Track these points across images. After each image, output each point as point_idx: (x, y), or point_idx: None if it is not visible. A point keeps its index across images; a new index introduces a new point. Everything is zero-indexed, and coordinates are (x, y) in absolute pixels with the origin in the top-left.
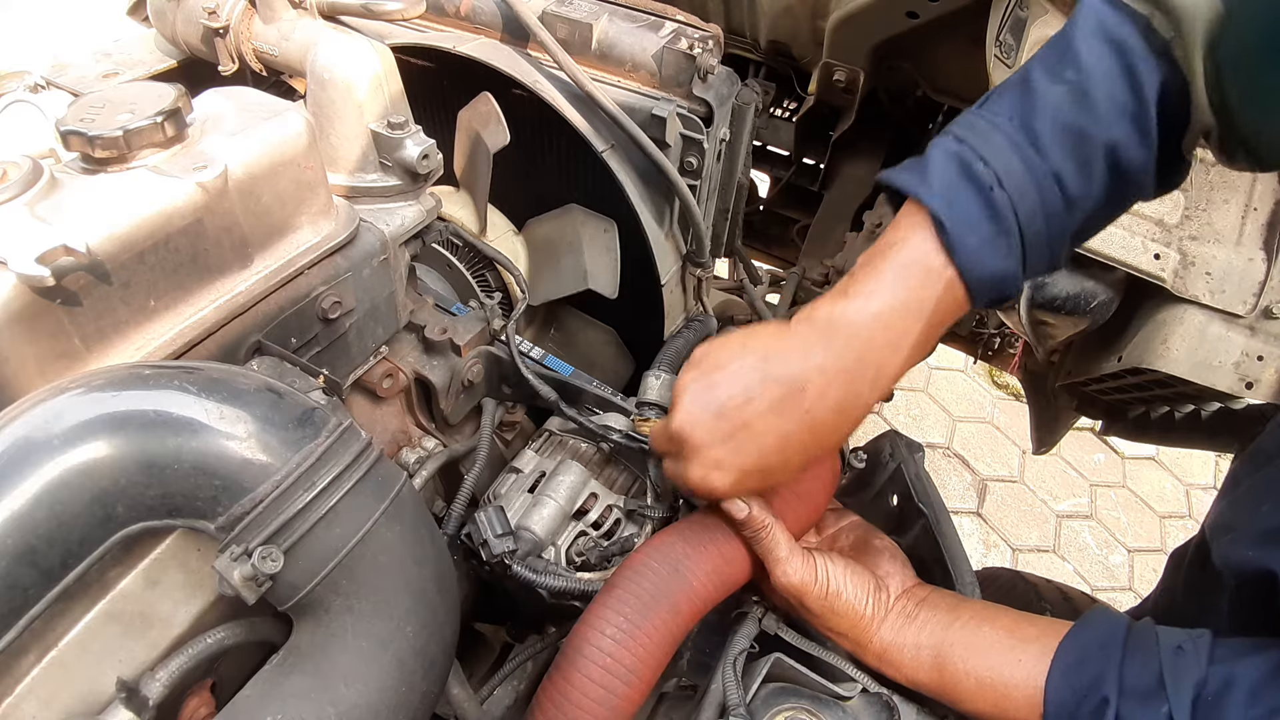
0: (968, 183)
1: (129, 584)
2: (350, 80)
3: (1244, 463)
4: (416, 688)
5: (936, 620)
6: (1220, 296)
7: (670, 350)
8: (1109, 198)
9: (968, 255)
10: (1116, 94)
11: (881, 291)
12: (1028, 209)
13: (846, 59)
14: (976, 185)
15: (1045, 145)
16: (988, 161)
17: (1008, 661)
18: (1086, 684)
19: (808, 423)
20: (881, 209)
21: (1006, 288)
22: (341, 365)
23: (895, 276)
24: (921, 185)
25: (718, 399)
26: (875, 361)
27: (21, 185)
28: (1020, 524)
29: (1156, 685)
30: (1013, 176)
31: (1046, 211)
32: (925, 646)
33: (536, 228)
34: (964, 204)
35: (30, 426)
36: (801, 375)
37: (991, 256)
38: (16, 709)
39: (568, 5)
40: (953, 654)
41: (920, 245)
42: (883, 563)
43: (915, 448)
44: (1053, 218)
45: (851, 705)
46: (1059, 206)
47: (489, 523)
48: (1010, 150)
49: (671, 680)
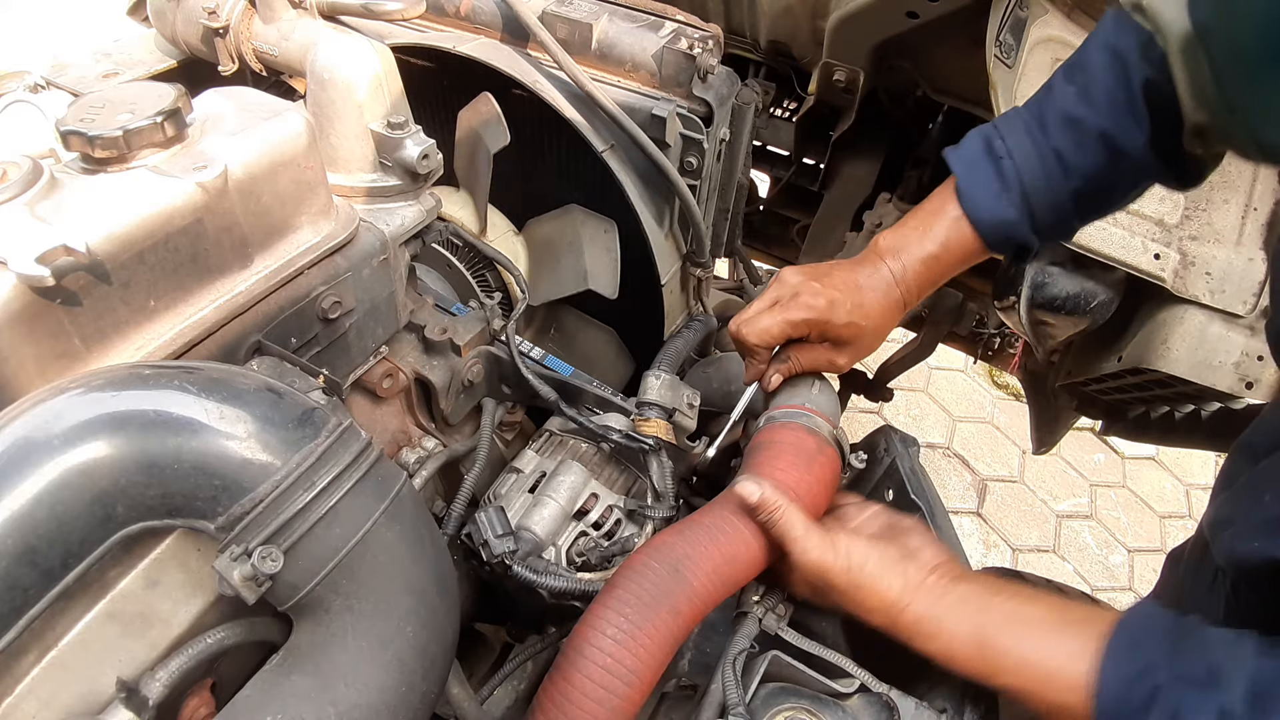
0: (986, 154)
1: (129, 584)
2: (350, 80)
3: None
4: (416, 688)
5: (976, 595)
6: (1220, 296)
7: (670, 350)
8: (1114, 173)
9: (974, 203)
10: (1114, 93)
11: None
12: (1031, 173)
13: (846, 59)
14: (992, 156)
15: (1050, 129)
16: (1005, 139)
17: (1053, 642)
18: (1138, 671)
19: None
20: (882, 209)
21: (1014, 234)
22: (341, 365)
23: (923, 219)
24: (954, 154)
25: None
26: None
27: (21, 185)
28: (1020, 524)
29: (1210, 676)
30: (1021, 150)
31: (1047, 176)
32: (964, 620)
33: (536, 228)
34: (979, 168)
35: (30, 426)
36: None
37: (995, 205)
38: (16, 709)
39: (568, 5)
40: (994, 630)
41: (944, 196)
42: (912, 538)
43: (910, 442)
44: (1053, 181)
45: (851, 704)
46: (1058, 173)
47: (489, 523)
48: (1024, 132)
49: (671, 680)
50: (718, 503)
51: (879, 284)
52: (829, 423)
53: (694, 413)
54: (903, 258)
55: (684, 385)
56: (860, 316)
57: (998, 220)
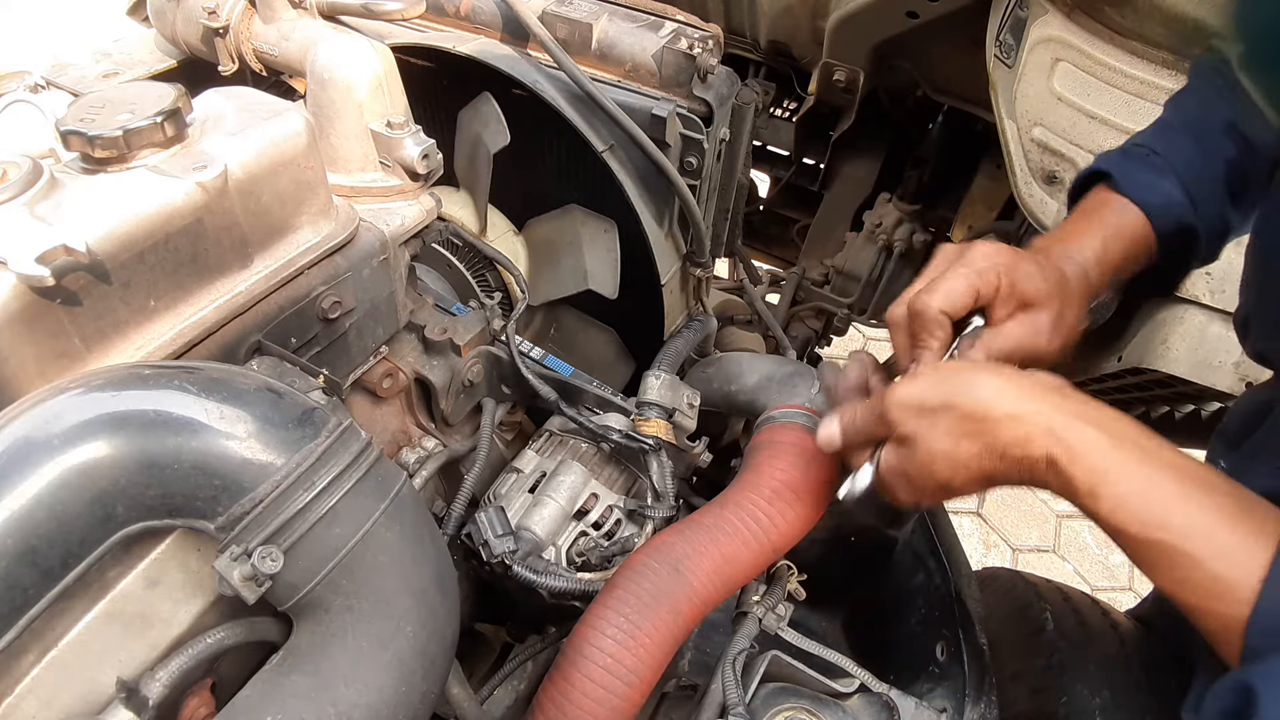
0: (1125, 158)
1: (129, 584)
2: (350, 80)
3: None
4: (416, 688)
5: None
6: (1220, 296)
7: (670, 350)
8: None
9: (1136, 188)
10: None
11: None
12: (1182, 159)
13: (846, 59)
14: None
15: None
16: (1139, 144)
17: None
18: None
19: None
20: (882, 209)
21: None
22: (341, 365)
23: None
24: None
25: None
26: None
27: (21, 185)
28: (1020, 524)
29: None
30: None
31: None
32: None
33: (536, 228)
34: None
35: (30, 426)
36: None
37: (1158, 187)
38: (16, 709)
39: (568, 5)
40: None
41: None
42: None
43: None
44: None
45: (851, 704)
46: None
47: (489, 523)
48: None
49: (672, 680)
50: (718, 503)
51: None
52: None
53: (694, 413)
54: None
55: (684, 385)
56: (1050, 278)
57: (1166, 201)
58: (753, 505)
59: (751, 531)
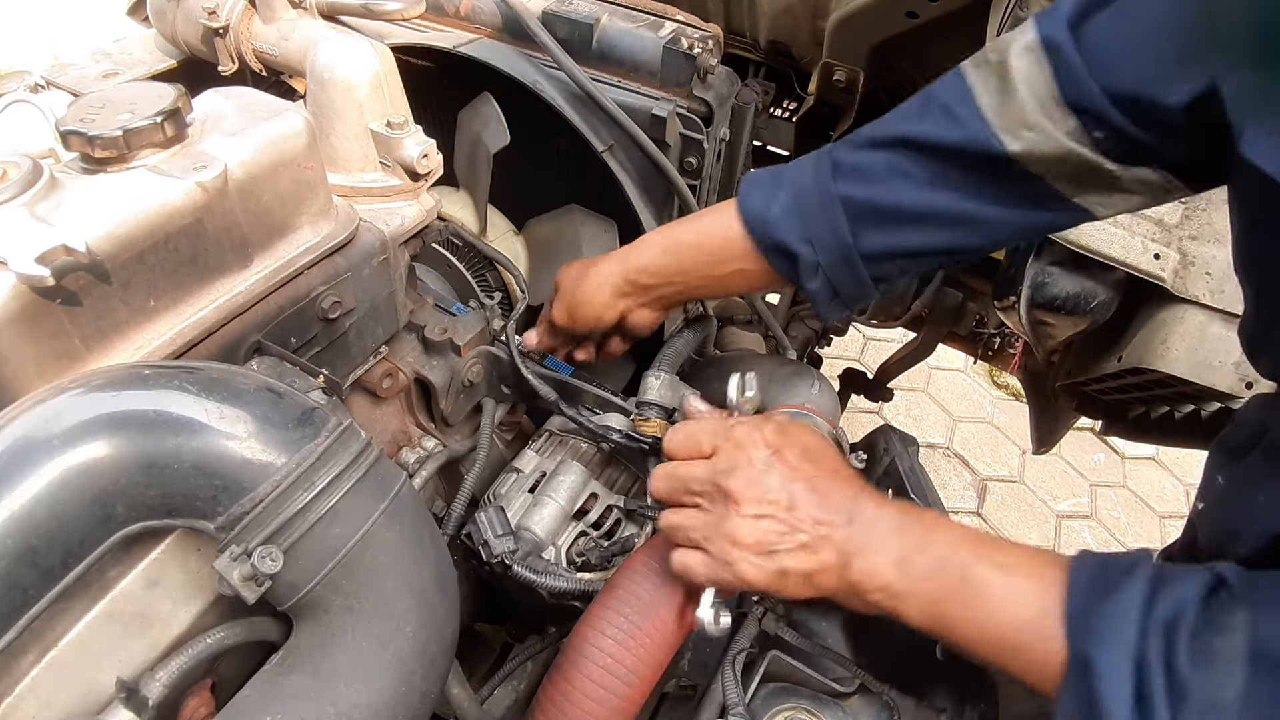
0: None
1: (129, 584)
2: (350, 80)
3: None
4: (416, 688)
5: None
6: (1220, 296)
7: (670, 350)
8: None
9: (746, 199)
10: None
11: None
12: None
13: (846, 59)
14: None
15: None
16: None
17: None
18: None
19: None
20: None
21: (770, 229)
22: (341, 365)
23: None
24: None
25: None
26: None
27: (21, 185)
28: (1020, 524)
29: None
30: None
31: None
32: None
33: (536, 227)
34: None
35: (30, 426)
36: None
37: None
38: (16, 709)
39: (568, 5)
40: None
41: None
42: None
43: (909, 442)
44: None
45: (851, 704)
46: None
47: (489, 523)
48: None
49: (672, 680)
50: None
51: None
52: (829, 422)
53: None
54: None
55: (684, 385)
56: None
57: (758, 215)
58: None
59: None
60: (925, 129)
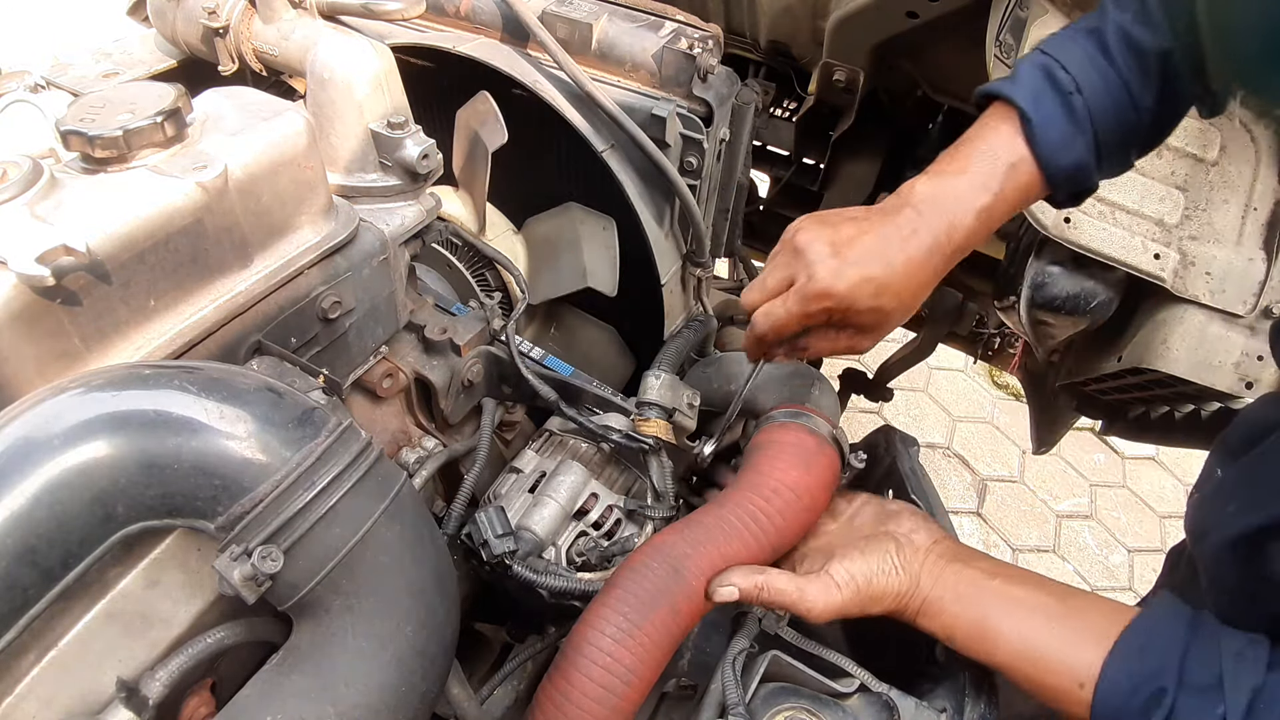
0: (1051, 87)
1: (129, 584)
2: (350, 80)
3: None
4: (416, 688)
5: (974, 574)
6: (1220, 296)
7: (670, 350)
8: (1167, 102)
9: (1049, 148)
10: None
11: (956, 170)
12: (1100, 110)
13: (846, 59)
14: (1059, 90)
15: (1115, 56)
16: (1068, 69)
17: (1054, 628)
18: (1148, 672)
19: (906, 253)
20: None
21: (1083, 180)
22: (341, 365)
23: (971, 161)
24: (1013, 87)
25: (835, 222)
26: (949, 220)
27: (21, 185)
28: (1020, 524)
29: (1215, 684)
30: (1090, 84)
31: (1118, 114)
32: (965, 598)
33: (535, 226)
34: (1048, 105)
35: (30, 426)
36: (897, 219)
37: (1069, 150)
38: (16, 709)
39: (568, 5)
40: (995, 611)
41: (1005, 137)
42: (903, 521)
43: (910, 442)
44: (1123, 118)
45: (851, 704)
46: (1129, 109)
47: (489, 523)
48: (1088, 62)
49: (671, 680)
50: (717, 502)
51: (915, 251)
52: (829, 422)
53: (694, 413)
54: (948, 212)
55: (684, 385)
56: (888, 299)
57: (1075, 166)
58: (752, 505)
59: (751, 531)
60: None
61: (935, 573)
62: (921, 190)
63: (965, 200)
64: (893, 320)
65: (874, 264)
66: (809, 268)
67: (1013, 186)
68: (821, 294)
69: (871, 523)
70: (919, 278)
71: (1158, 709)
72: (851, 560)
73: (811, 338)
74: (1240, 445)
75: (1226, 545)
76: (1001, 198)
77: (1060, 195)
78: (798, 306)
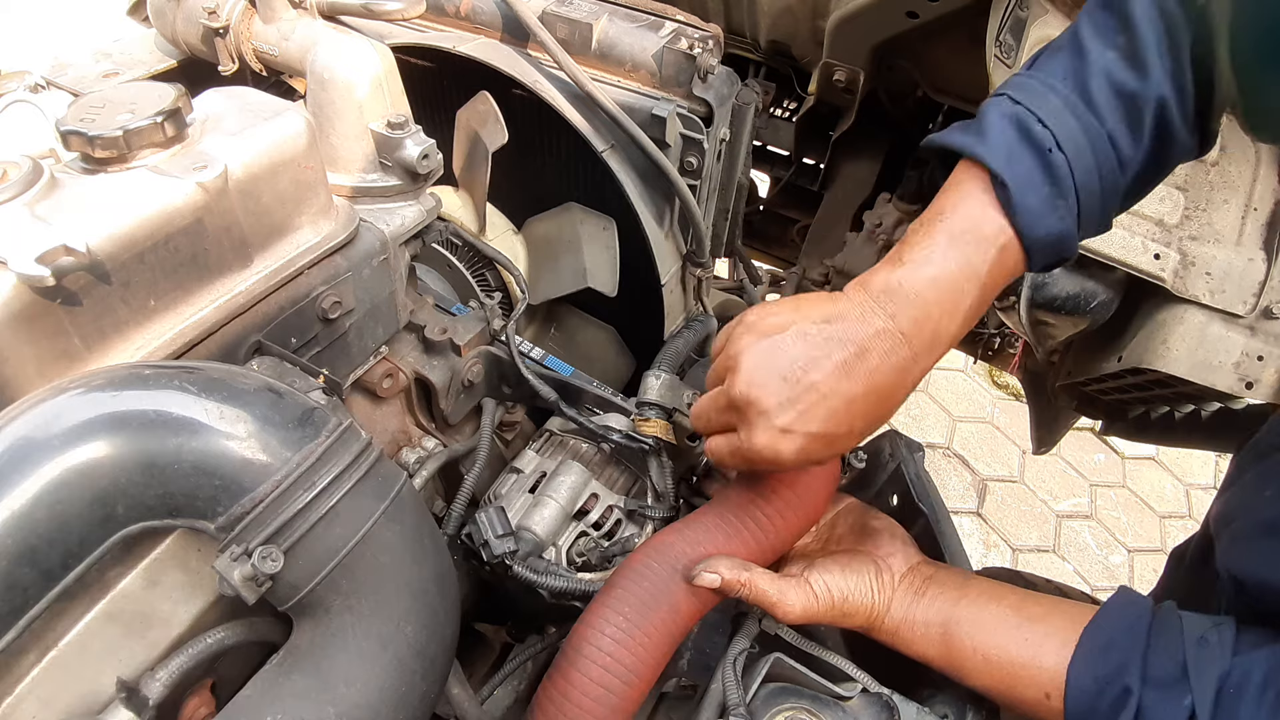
0: (1026, 144)
1: (129, 584)
2: (350, 80)
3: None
4: (416, 688)
5: (944, 596)
6: (1220, 296)
7: (670, 350)
8: (1156, 158)
9: (1028, 216)
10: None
11: (936, 257)
12: (1084, 170)
13: (846, 59)
14: (1035, 146)
15: (1100, 107)
16: (1045, 122)
17: (1015, 640)
18: (1110, 672)
19: (871, 385)
20: (882, 209)
21: (1064, 249)
22: (341, 365)
23: (951, 241)
24: (980, 145)
25: (782, 361)
26: (932, 326)
27: (21, 185)
28: (1020, 524)
29: (1180, 675)
30: (1069, 138)
31: (1101, 172)
32: (934, 623)
33: (535, 226)
34: (1024, 164)
35: (30, 426)
36: (863, 338)
37: (1050, 217)
38: (16, 709)
39: (568, 5)
40: (960, 629)
41: (977, 208)
42: (883, 543)
43: (915, 447)
44: (1106, 178)
45: (851, 705)
46: (1113, 166)
47: (490, 523)
48: (1067, 112)
49: (671, 680)
50: (717, 502)
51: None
52: None
53: None
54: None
55: (684, 385)
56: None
57: (1057, 237)
58: (752, 505)
59: (750, 531)
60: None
61: (906, 601)
62: (898, 289)
63: (950, 302)
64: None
65: (828, 418)
66: (748, 431)
67: (1000, 272)
68: (763, 461)
69: (851, 537)
70: (886, 407)
71: (1124, 709)
72: (831, 574)
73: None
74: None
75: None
76: (989, 287)
77: (1035, 269)
78: (741, 462)
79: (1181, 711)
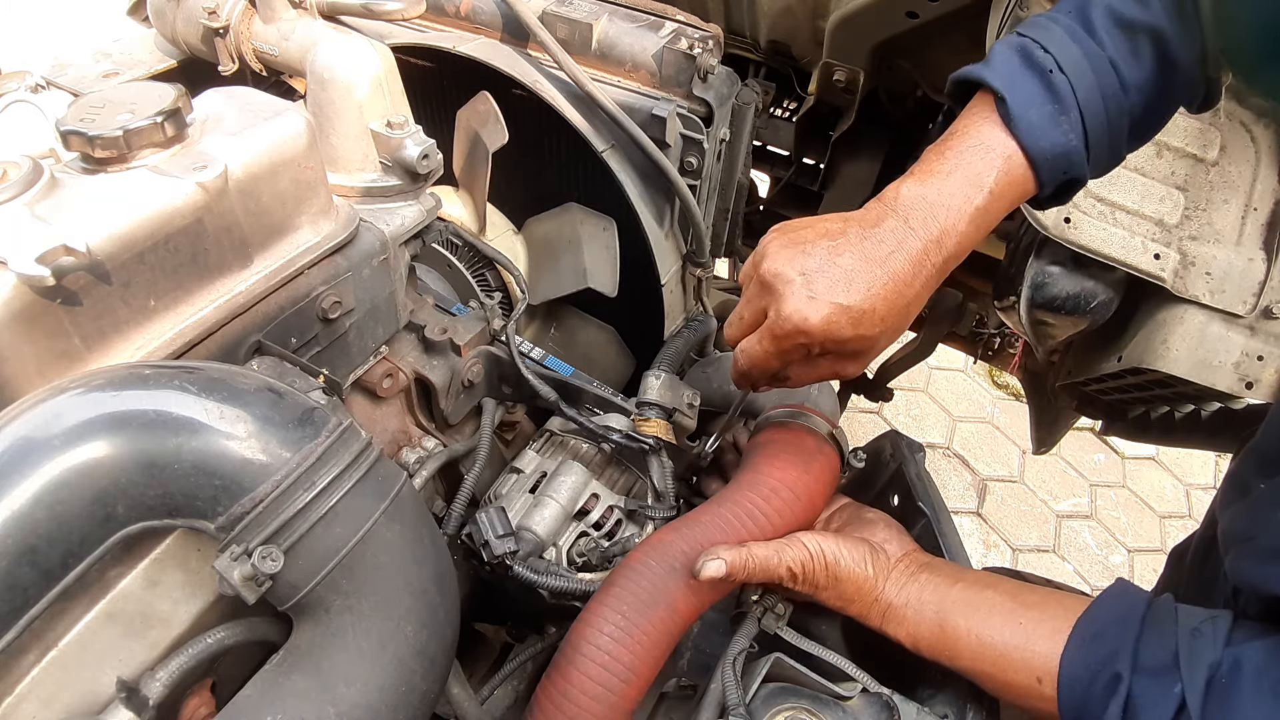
0: (1028, 67)
1: (129, 584)
2: (350, 80)
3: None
4: (416, 687)
5: (939, 581)
6: (1220, 296)
7: (670, 350)
8: (1160, 86)
9: (1031, 130)
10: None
11: (944, 168)
12: (1086, 89)
13: (846, 59)
14: (1036, 69)
15: (1100, 34)
16: (1047, 48)
17: (1009, 624)
18: (1101, 659)
19: (889, 272)
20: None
21: (1071, 167)
22: (341, 365)
23: (958, 155)
24: (986, 70)
25: (808, 244)
26: (939, 223)
27: (21, 185)
28: (1020, 524)
29: (1171, 664)
30: (1071, 61)
31: (1104, 93)
32: (928, 604)
33: (535, 226)
34: (1024, 85)
35: (30, 426)
36: (877, 232)
37: (1053, 132)
38: (16, 709)
39: (568, 5)
40: (954, 613)
41: (984, 125)
42: (878, 531)
43: (916, 448)
44: (1110, 99)
45: (851, 705)
46: (1115, 88)
47: (490, 523)
48: (1068, 38)
49: (671, 680)
50: (716, 501)
51: (900, 269)
52: (828, 422)
53: (694, 413)
54: (939, 218)
55: (684, 385)
56: (870, 325)
57: (1060, 151)
58: (750, 504)
59: (749, 530)
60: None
61: (901, 582)
62: (908, 195)
63: (957, 203)
64: (880, 345)
65: (851, 291)
66: (777, 303)
67: (1007, 182)
68: (792, 332)
69: (848, 527)
70: (906, 296)
71: (1115, 695)
72: (825, 539)
73: (793, 369)
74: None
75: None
76: (996, 195)
77: (1047, 187)
78: (771, 345)
79: (1171, 699)
